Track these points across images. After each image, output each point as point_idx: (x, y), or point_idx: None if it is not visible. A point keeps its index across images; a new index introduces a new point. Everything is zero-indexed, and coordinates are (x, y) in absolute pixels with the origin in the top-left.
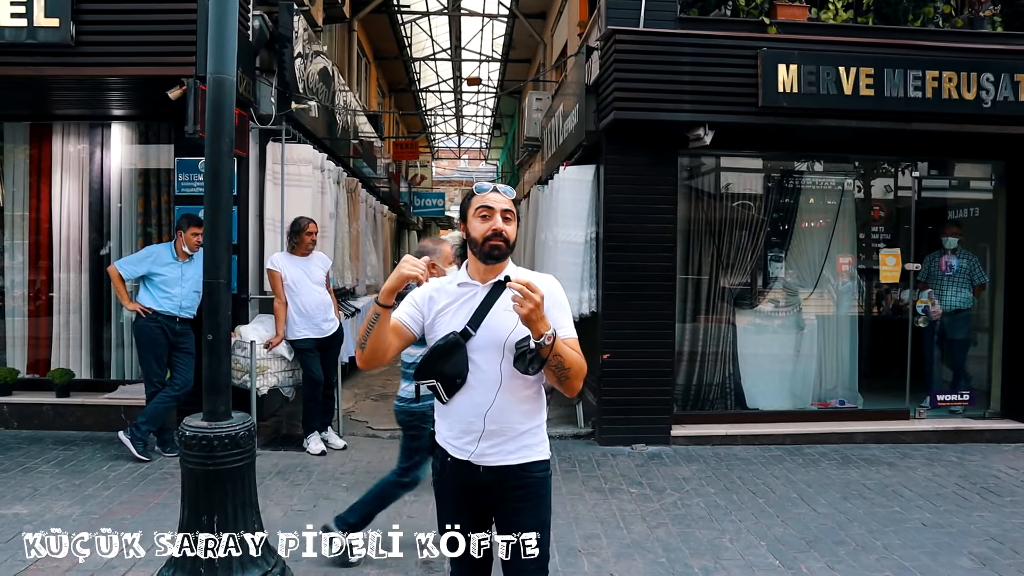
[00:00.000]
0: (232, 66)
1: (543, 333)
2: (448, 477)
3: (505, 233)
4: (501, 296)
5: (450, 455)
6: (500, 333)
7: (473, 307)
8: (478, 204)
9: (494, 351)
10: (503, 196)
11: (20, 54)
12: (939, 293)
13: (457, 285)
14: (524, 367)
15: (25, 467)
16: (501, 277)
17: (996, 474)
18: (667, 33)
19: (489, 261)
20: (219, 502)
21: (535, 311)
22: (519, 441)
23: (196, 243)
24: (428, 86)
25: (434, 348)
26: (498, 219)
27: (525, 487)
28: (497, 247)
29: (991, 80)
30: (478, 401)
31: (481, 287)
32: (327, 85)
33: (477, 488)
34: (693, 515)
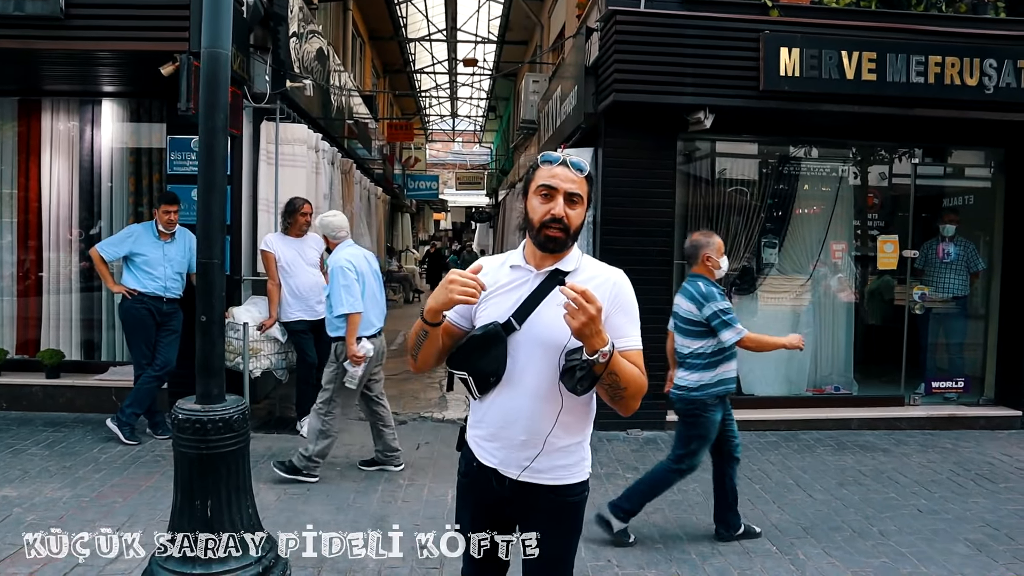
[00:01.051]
0: (227, 40)
1: (598, 349)
2: (472, 481)
3: (567, 219)
4: (556, 289)
5: (477, 458)
6: (548, 332)
7: (522, 297)
8: (541, 180)
9: (539, 351)
10: (572, 173)
11: (8, 26)
12: (936, 280)
13: (510, 267)
14: (572, 385)
15: (15, 449)
16: (561, 267)
17: (990, 461)
18: (668, 14)
19: (544, 250)
20: (212, 486)
21: (589, 325)
22: (553, 459)
23: (167, 221)
24: (423, 67)
25: (471, 338)
26: (560, 202)
27: (555, 511)
28: (554, 238)
29: (993, 66)
30: (511, 405)
31: (534, 274)
32: (322, 65)
33: (500, 501)
34: (689, 501)
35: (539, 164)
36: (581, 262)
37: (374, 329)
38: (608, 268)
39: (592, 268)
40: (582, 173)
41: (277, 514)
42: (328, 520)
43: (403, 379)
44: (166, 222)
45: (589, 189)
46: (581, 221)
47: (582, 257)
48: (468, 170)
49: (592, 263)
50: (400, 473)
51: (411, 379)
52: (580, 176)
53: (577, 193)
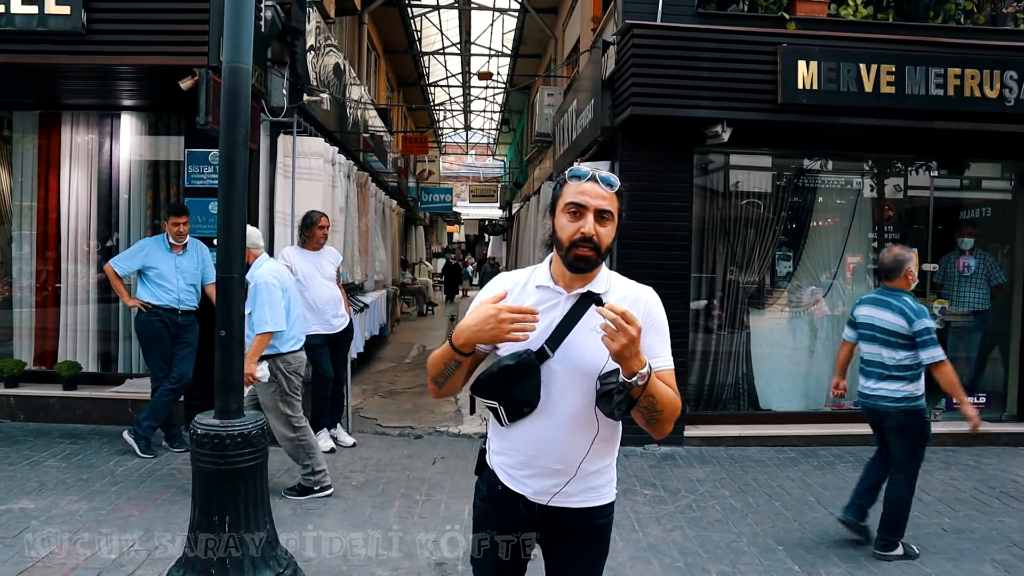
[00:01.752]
0: (248, 56)
1: (636, 372)
2: (495, 507)
3: (597, 238)
4: (588, 311)
5: (502, 483)
6: (583, 359)
7: (554, 321)
8: (569, 197)
9: (573, 379)
10: (603, 189)
11: (31, 42)
12: (956, 294)
13: (536, 287)
14: (610, 410)
15: (32, 460)
16: (592, 289)
17: (1015, 478)
18: (685, 28)
19: (574, 271)
20: (231, 501)
21: (629, 347)
22: (585, 483)
23: (177, 232)
24: (437, 80)
25: (504, 367)
26: (590, 220)
27: (583, 533)
28: (584, 258)
29: (1014, 78)
30: (543, 436)
31: (565, 296)
32: (339, 78)
33: (527, 526)
34: (709, 518)
35: (567, 180)
36: (610, 281)
37: (300, 344)
38: (638, 286)
39: (622, 287)
40: (612, 189)
41: (292, 529)
42: (344, 535)
43: (417, 393)
44: (176, 234)
45: (620, 205)
46: (612, 239)
47: (610, 276)
48: (481, 183)
49: (621, 281)
50: (417, 488)
51: (426, 393)
52: (610, 192)
53: (608, 210)
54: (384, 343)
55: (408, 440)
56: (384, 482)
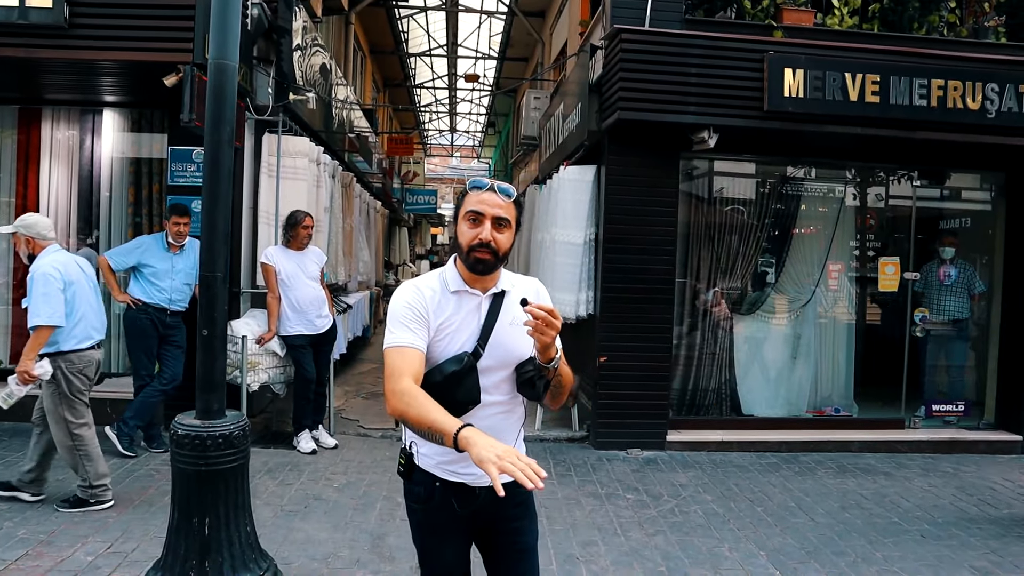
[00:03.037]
0: (235, 53)
1: (552, 357)
2: (439, 504)
3: (495, 243)
4: (502, 308)
5: (440, 479)
6: (508, 352)
7: (479, 322)
8: (470, 205)
9: (500, 370)
10: (500, 198)
11: (11, 35)
12: (937, 303)
13: (452, 292)
14: (535, 393)
15: (6, 460)
16: (501, 287)
17: (992, 486)
18: (673, 34)
19: (474, 272)
20: (211, 504)
21: (555, 338)
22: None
23: (176, 232)
24: (423, 82)
25: (451, 373)
26: (487, 226)
27: (520, 504)
28: (482, 260)
29: (996, 90)
30: (483, 426)
31: (483, 297)
32: (325, 78)
33: (470, 512)
34: (691, 523)
35: (469, 190)
36: (511, 279)
37: (93, 340)
38: (527, 278)
39: (520, 281)
40: (509, 198)
41: (273, 531)
42: (325, 538)
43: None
44: (175, 233)
45: (518, 214)
46: (510, 244)
47: (508, 275)
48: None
49: (514, 276)
50: (399, 490)
51: None
52: (507, 201)
53: (504, 217)
54: (367, 344)
55: (390, 442)
56: (366, 484)
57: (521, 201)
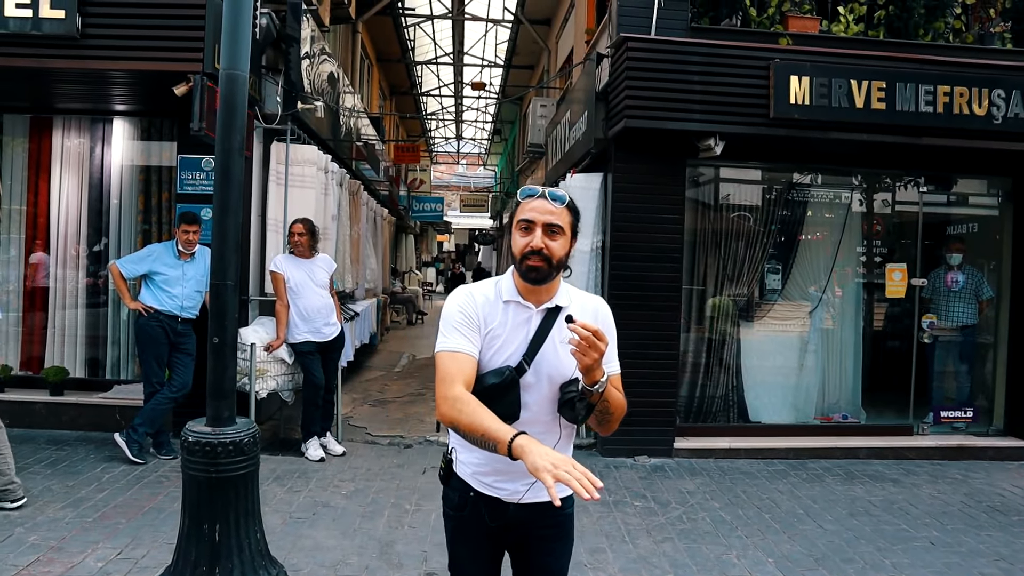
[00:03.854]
0: (245, 62)
1: (597, 380)
2: (471, 514)
3: (547, 251)
4: (555, 324)
5: (474, 489)
6: (554, 370)
7: (527, 335)
8: (522, 214)
9: (546, 389)
10: (551, 204)
11: (24, 45)
12: (945, 309)
13: (504, 302)
14: (573, 416)
15: (17, 467)
16: (556, 302)
17: (1001, 492)
18: (679, 42)
19: (527, 281)
20: (221, 510)
21: (598, 360)
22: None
23: (186, 240)
24: (429, 90)
25: (491, 386)
26: (538, 234)
27: (556, 525)
28: (535, 268)
29: (1002, 96)
30: None
31: (536, 311)
32: (332, 86)
33: (504, 527)
34: (699, 530)
35: (520, 200)
36: (569, 294)
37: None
38: (592, 296)
39: (579, 298)
40: (561, 204)
41: (282, 538)
42: (334, 544)
43: (408, 402)
44: (185, 242)
45: (572, 219)
46: (565, 252)
47: (570, 291)
48: (472, 192)
49: (576, 293)
50: (407, 498)
51: (416, 402)
52: (559, 207)
53: (557, 224)
54: (374, 352)
55: (398, 449)
56: (374, 491)
57: (575, 208)
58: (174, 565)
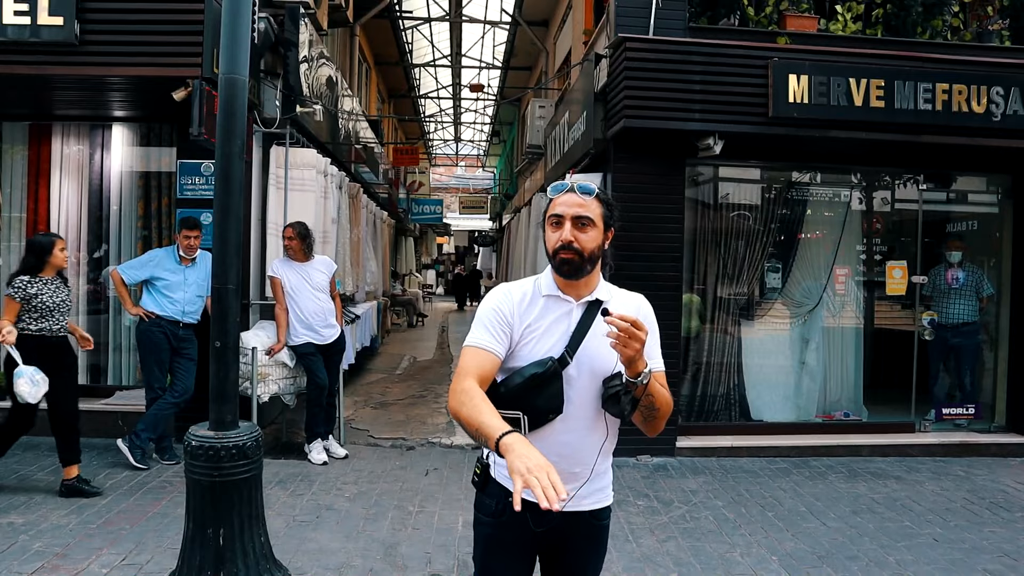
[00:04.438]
0: (245, 67)
1: (640, 372)
2: (508, 520)
3: (577, 243)
4: (598, 317)
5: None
6: (597, 364)
7: (568, 328)
8: (551, 211)
9: (588, 383)
10: (579, 197)
11: (23, 52)
12: (945, 306)
13: (543, 296)
14: (618, 410)
15: (19, 474)
16: (598, 297)
17: (1004, 489)
18: (678, 41)
19: (561, 275)
20: (225, 514)
21: (640, 351)
22: (595, 484)
23: (187, 246)
24: (427, 92)
25: (532, 376)
26: (567, 227)
27: (592, 536)
28: (567, 261)
29: (1001, 94)
30: (565, 441)
31: (576, 305)
32: (331, 90)
33: (540, 535)
34: (702, 528)
35: (550, 197)
36: (610, 290)
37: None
38: (633, 294)
39: (620, 295)
40: (590, 195)
41: (286, 541)
42: (338, 547)
43: (410, 404)
44: (186, 247)
45: (603, 210)
46: (597, 244)
47: (610, 288)
48: (471, 194)
49: (617, 290)
50: (410, 499)
51: (418, 404)
52: (588, 199)
53: (586, 216)
54: (375, 354)
55: (400, 451)
56: (377, 493)
57: (606, 198)
58: (179, 570)
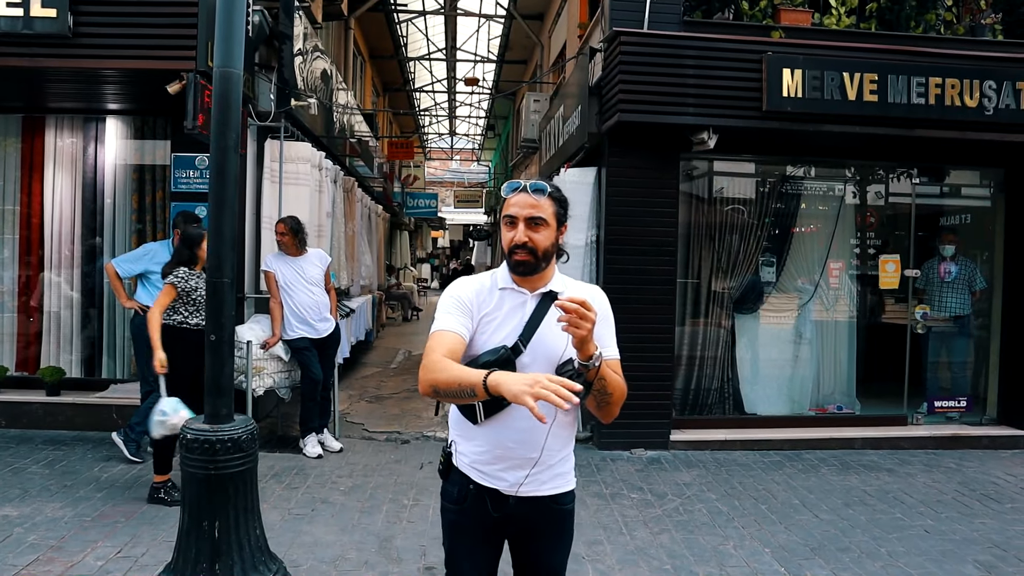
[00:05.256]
0: (239, 60)
1: (591, 355)
2: (470, 507)
3: (531, 243)
4: (551, 309)
5: (474, 482)
6: (550, 351)
7: (523, 319)
8: (506, 210)
9: (540, 369)
10: (532, 197)
11: (16, 44)
12: (938, 299)
13: (500, 289)
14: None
15: (14, 467)
16: (550, 289)
17: (995, 480)
18: (672, 35)
19: (516, 273)
20: (220, 507)
21: (590, 332)
22: (554, 470)
23: None
24: (422, 86)
25: (484, 364)
26: (521, 228)
27: (556, 521)
28: (521, 262)
29: (993, 88)
30: (520, 426)
31: (530, 296)
32: (326, 83)
33: (503, 520)
34: (696, 521)
35: (504, 195)
36: (564, 282)
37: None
38: (587, 285)
39: (574, 285)
40: (543, 195)
41: (281, 534)
42: (333, 540)
43: (405, 398)
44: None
45: (556, 208)
46: (551, 242)
47: (564, 278)
48: (466, 188)
49: (572, 282)
50: (405, 493)
51: (413, 398)
52: (541, 198)
53: (539, 216)
54: (370, 348)
55: (395, 445)
56: (372, 487)
57: (559, 195)
58: (174, 563)
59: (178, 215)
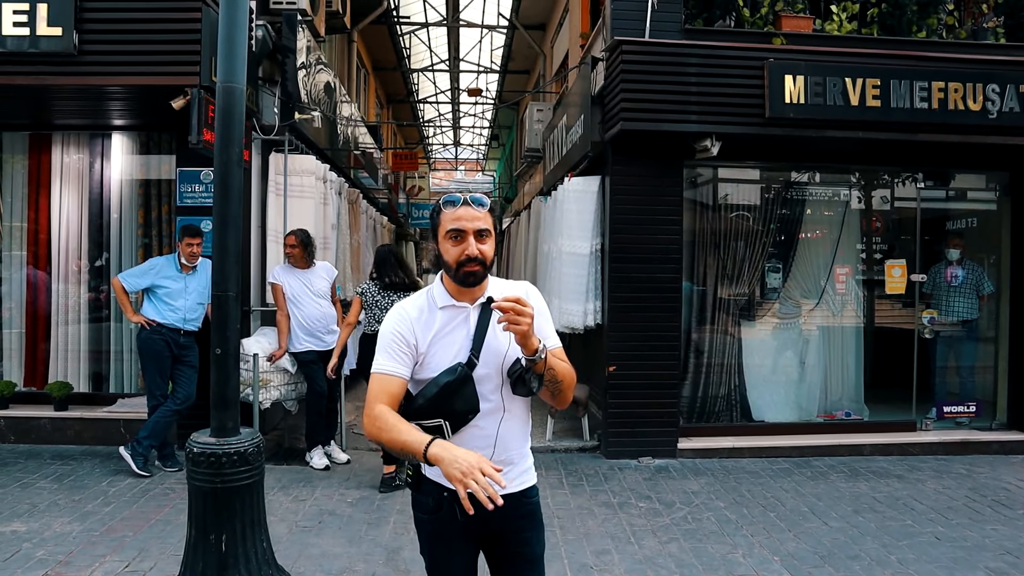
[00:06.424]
0: (242, 75)
1: (536, 349)
2: (446, 514)
3: (481, 255)
4: (493, 316)
5: (447, 489)
6: (499, 357)
7: (469, 332)
8: (449, 224)
9: (496, 376)
10: (476, 211)
11: (22, 63)
12: (945, 304)
13: (440, 308)
14: (527, 391)
15: (23, 483)
16: (489, 295)
17: (1006, 486)
18: (673, 44)
19: (466, 286)
20: (227, 520)
21: (531, 327)
22: (519, 466)
23: (190, 254)
24: (426, 97)
25: (445, 384)
26: (471, 242)
27: (526, 514)
28: (473, 273)
29: (996, 91)
30: (485, 433)
31: (471, 308)
32: (329, 96)
33: (479, 521)
34: (704, 530)
35: (442, 208)
36: (497, 286)
37: None
38: (519, 282)
39: (507, 286)
40: (484, 207)
41: (288, 547)
42: (340, 552)
43: None
44: (188, 254)
45: (494, 219)
46: (494, 251)
47: (495, 281)
48: None
49: (502, 283)
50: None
51: None
52: (483, 211)
53: (485, 228)
54: None
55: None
56: (379, 498)
57: (493, 207)
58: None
59: (182, 229)
